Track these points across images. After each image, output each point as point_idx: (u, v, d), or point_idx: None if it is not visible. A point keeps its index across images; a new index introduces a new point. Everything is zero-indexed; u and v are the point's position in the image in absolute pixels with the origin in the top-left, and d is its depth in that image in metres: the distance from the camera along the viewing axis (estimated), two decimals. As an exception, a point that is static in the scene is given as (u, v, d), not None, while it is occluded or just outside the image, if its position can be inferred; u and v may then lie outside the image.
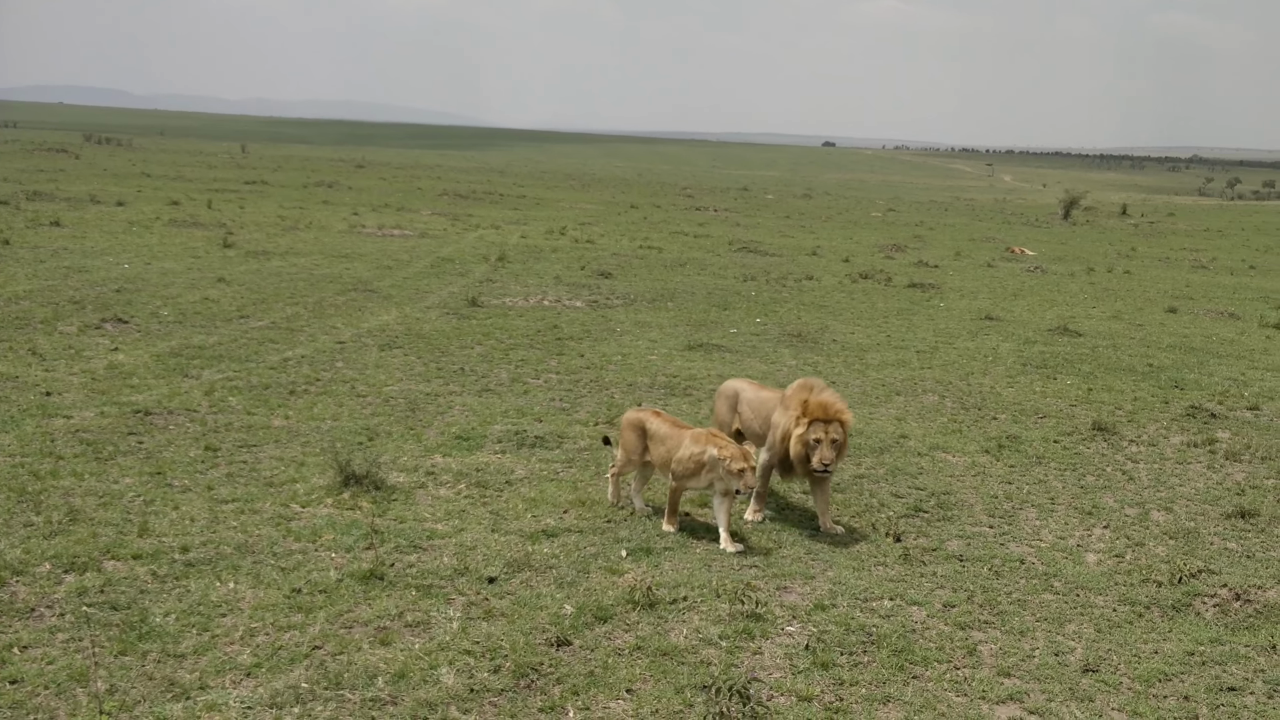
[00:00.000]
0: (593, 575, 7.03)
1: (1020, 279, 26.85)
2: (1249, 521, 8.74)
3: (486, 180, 65.72)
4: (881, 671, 5.92)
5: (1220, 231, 54.75)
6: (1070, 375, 14.44)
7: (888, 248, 33.68)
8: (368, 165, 75.94)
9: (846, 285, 23.22)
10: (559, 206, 45.43)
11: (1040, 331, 18.01)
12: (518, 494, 8.57)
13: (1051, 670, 6.06)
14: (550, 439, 10.07)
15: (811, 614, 6.63)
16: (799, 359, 14.56)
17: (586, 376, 12.83)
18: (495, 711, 5.35)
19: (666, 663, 5.90)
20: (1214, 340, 18.12)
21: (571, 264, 23.86)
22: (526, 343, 14.66)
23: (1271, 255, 40.12)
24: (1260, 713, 5.69)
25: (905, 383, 13.41)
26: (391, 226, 30.39)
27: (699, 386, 12.55)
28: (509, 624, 6.27)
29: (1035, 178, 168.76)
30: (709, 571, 7.20)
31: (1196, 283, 28.20)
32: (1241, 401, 13.17)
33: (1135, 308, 22.18)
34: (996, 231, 46.11)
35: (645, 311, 17.97)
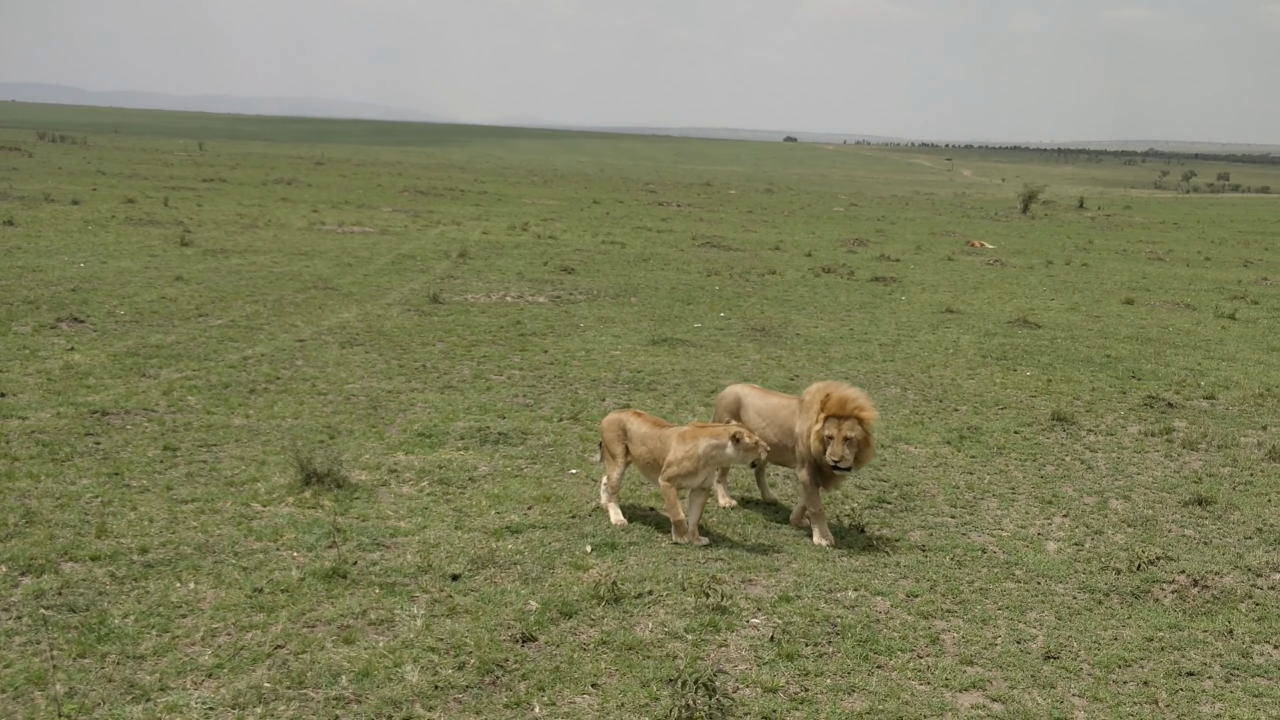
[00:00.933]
0: (558, 571, 7.02)
1: (980, 272, 27.07)
2: (1206, 509, 8.86)
3: (447, 176, 65.42)
4: (846, 661, 5.95)
5: (1176, 224, 55.49)
6: (1030, 367, 14.58)
7: (850, 242, 33.86)
8: (327, 162, 75.40)
9: (809, 279, 23.32)
10: (521, 202, 45.31)
11: (1000, 324, 18.17)
12: (481, 491, 8.53)
13: (1013, 658, 6.11)
14: (514, 435, 10.04)
15: (777, 606, 6.65)
16: (762, 353, 14.61)
17: (550, 372, 12.80)
18: (460, 708, 5.33)
19: (632, 657, 5.90)
20: (1170, 331, 18.36)
21: (534, 260, 23.80)
22: (489, 339, 14.61)
23: (1226, 247, 40.70)
24: (1218, 696, 5.77)
25: (868, 376, 13.48)
26: (352, 223, 30.18)
27: (663, 381, 12.56)
28: (473, 621, 6.24)
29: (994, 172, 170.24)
30: (674, 565, 7.21)
31: (1153, 274, 28.55)
32: (1198, 391, 13.35)
33: (1093, 299, 22.42)
34: (957, 225, 46.48)
35: (609, 307, 17.96)
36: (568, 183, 67.49)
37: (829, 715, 5.38)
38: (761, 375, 13.12)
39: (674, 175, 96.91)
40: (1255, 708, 5.65)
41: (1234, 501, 9.08)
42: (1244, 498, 9.22)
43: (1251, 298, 23.58)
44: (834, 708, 5.45)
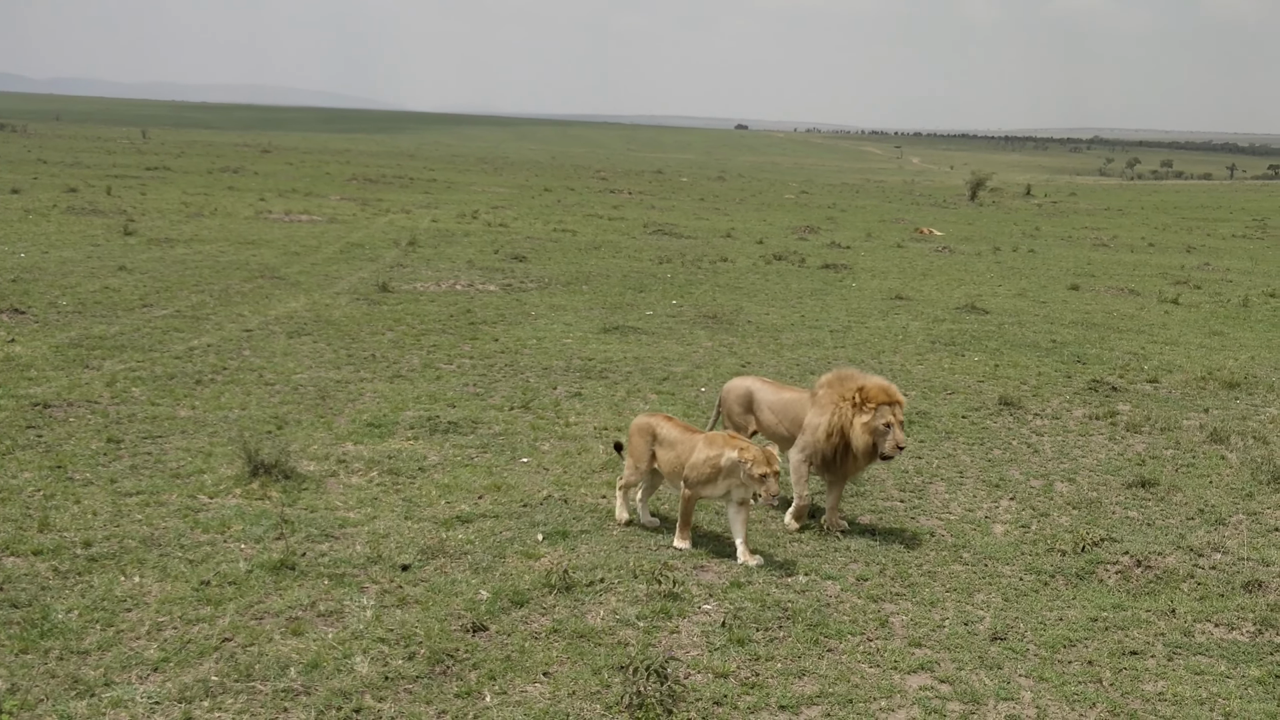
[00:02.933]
0: (508, 560, 6.99)
1: (929, 259, 27.30)
2: (1149, 491, 9.01)
3: (396, 164, 64.86)
4: (797, 646, 5.99)
5: (1121, 210, 56.30)
6: (977, 352, 14.73)
7: (801, 229, 34.00)
8: (274, 150, 74.45)
9: (761, 267, 23.40)
10: (471, 190, 45.03)
11: (948, 310, 18.34)
12: (431, 480, 8.48)
13: (961, 639, 6.18)
14: (464, 424, 9.98)
15: (728, 592, 6.68)
16: (714, 341, 14.64)
17: (501, 361, 12.74)
18: (411, 699, 5.30)
19: (583, 645, 5.89)
20: (1115, 316, 18.63)
21: (484, 248, 23.67)
22: (439, 328, 14.51)
23: (1169, 233, 41.37)
24: (1161, 674, 5.87)
25: (819, 362, 13.55)
26: (299, 212, 29.84)
27: (615, 369, 12.55)
28: (424, 611, 6.20)
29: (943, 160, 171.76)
30: (626, 553, 7.21)
31: (1098, 260, 28.95)
32: (1141, 375, 13.56)
33: (1039, 285, 22.70)
34: (906, 213, 46.83)
35: (560, 295, 17.91)
36: (519, 170, 67.19)
37: (779, 699, 5.41)
38: (713, 363, 13.15)
39: (625, 162, 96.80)
40: (1197, 685, 5.76)
41: (1176, 483, 9.24)
42: (1186, 479, 9.39)
43: (1194, 283, 23.99)
44: (784, 691, 5.48)
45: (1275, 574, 7.16)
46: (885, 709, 5.39)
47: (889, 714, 5.35)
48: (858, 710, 5.35)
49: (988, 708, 5.45)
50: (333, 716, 5.10)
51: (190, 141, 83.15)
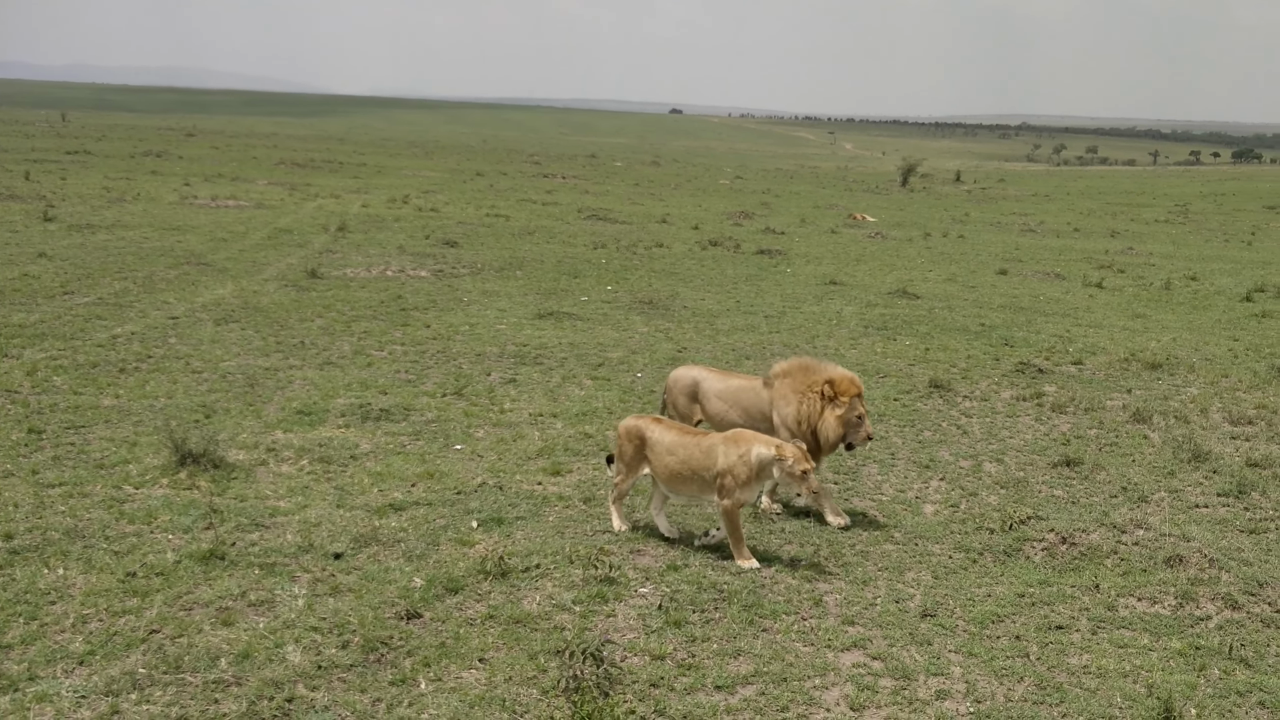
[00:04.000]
0: (443, 547, 6.95)
1: (862, 245, 27.57)
2: (1073, 470, 9.20)
3: (325, 148, 63.93)
4: (732, 626, 6.03)
5: (1047, 196, 57.33)
6: (909, 336, 14.92)
7: (736, 215, 34.14)
8: (199, 134, 73.00)
9: (696, 252, 23.45)
10: (401, 174, 44.53)
11: (881, 295, 18.54)
12: (363, 468, 8.39)
13: (892, 616, 6.27)
14: (396, 411, 9.89)
15: (664, 575, 6.70)
16: (650, 326, 14.65)
17: (433, 347, 12.64)
18: (345, 687, 5.25)
19: (519, 630, 5.88)
20: (1041, 300, 18.97)
21: (415, 233, 23.43)
22: (370, 314, 14.35)
23: (1094, 218, 42.21)
24: (1085, 648, 6.01)
25: (754, 347, 13.63)
26: (226, 197, 29.29)
27: (549, 355, 12.51)
28: (357, 599, 6.15)
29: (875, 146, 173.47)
30: (562, 539, 7.19)
31: (1025, 245, 29.45)
32: (1066, 357, 13.83)
33: (969, 270, 23.04)
34: (839, 199, 47.24)
35: (493, 280, 17.80)
36: (450, 154, 66.59)
37: (715, 679, 5.44)
38: (649, 348, 13.17)
39: (559, 147, 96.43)
40: (1120, 658, 5.90)
41: (1100, 462, 9.44)
42: (1109, 458, 9.60)
43: (1118, 267, 24.50)
44: (720, 672, 5.52)
45: (1195, 549, 7.35)
46: (819, 686, 5.45)
47: (822, 691, 5.41)
48: (792, 688, 5.40)
49: (918, 683, 5.53)
50: (265, 707, 5.04)
51: (112, 125, 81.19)
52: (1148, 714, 5.28)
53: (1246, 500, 8.56)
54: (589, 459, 8.91)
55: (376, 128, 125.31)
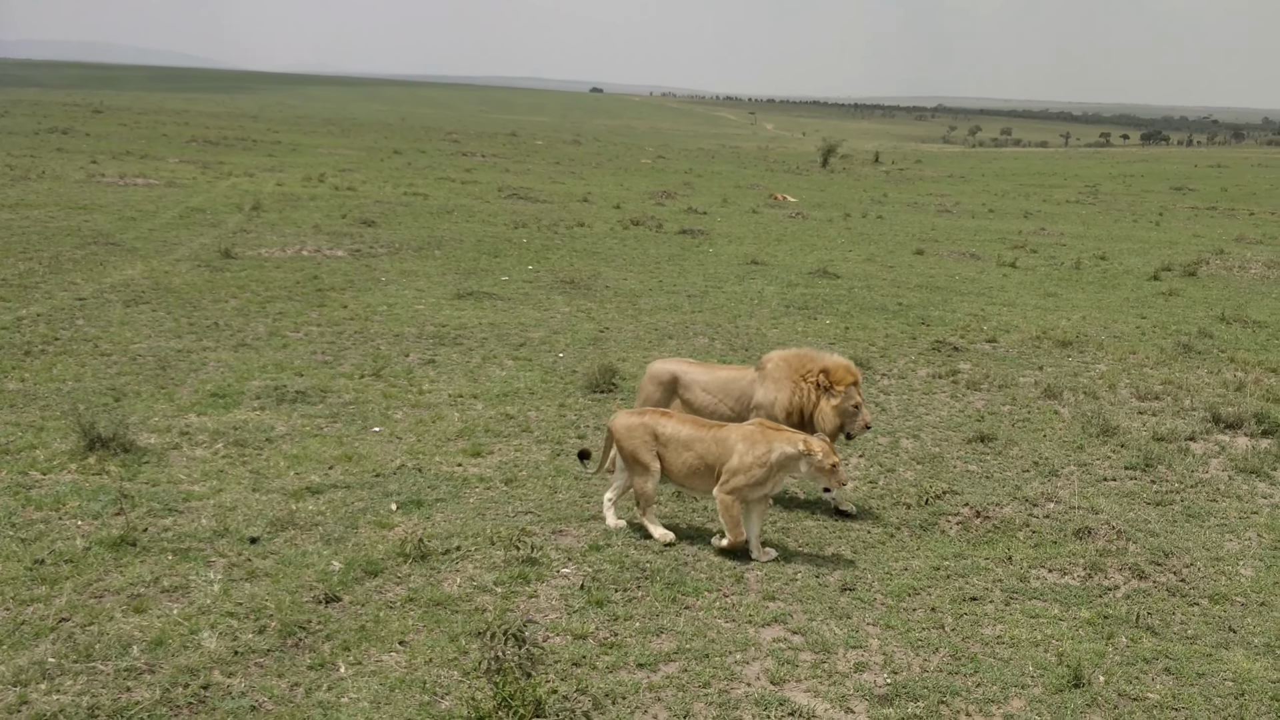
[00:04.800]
0: (361, 530, 6.86)
1: (783, 225, 27.77)
2: (987, 445, 9.38)
3: (238, 125, 62.52)
4: (655, 604, 6.06)
5: (963, 177, 58.29)
6: (829, 315, 15.07)
7: (658, 194, 34.15)
8: (106, 110, 70.91)
9: (618, 232, 23.41)
10: (317, 153, 43.75)
11: (802, 274, 18.69)
12: (279, 451, 8.25)
13: (812, 591, 6.35)
14: (312, 393, 9.73)
15: (587, 555, 6.70)
16: (572, 306, 14.60)
17: (350, 328, 12.45)
18: (262, 672, 5.16)
19: (440, 612, 5.84)
20: (957, 279, 19.29)
21: (332, 212, 23.05)
22: (285, 295, 14.09)
23: (1008, 199, 43.02)
24: (999, 619, 6.15)
25: (677, 326, 13.66)
26: (135, 175, 28.51)
27: (470, 335, 12.40)
28: (274, 584, 6.05)
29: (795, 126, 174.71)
30: (483, 520, 7.15)
31: (941, 226, 29.91)
32: (981, 335, 14.09)
33: (887, 250, 23.34)
34: (761, 179, 47.52)
35: (411, 260, 17.58)
36: (367, 132, 65.58)
37: (637, 657, 5.46)
38: (571, 328, 13.13)
39: (478, 125, 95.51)
40: (1032, 628, 6.04)
41: (1013, 437, 9.65)
42: (1022, 434, 9.81)
43: (1030, 247, 25.00)
44: (642, 649, 5.54)
45: (1104, 521, 7.55)
46: (740, 662, 5.50)
47: (744, 666, 5.46)
48: (713, 664, 5.44)
49: (837, 656, 5.61)
50: (179, 694, 4.93)
51: (14, 100, 78.47)
52: (1058, 682, 5.42)
53: (1153, 473, 8.82)
54: (510, 440, 8.86)
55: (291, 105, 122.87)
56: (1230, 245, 26.70)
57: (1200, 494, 8.41)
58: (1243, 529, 7.72)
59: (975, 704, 5.23)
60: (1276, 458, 9.27)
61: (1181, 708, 5.29)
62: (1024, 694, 5.34)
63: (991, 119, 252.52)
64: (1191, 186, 53.00)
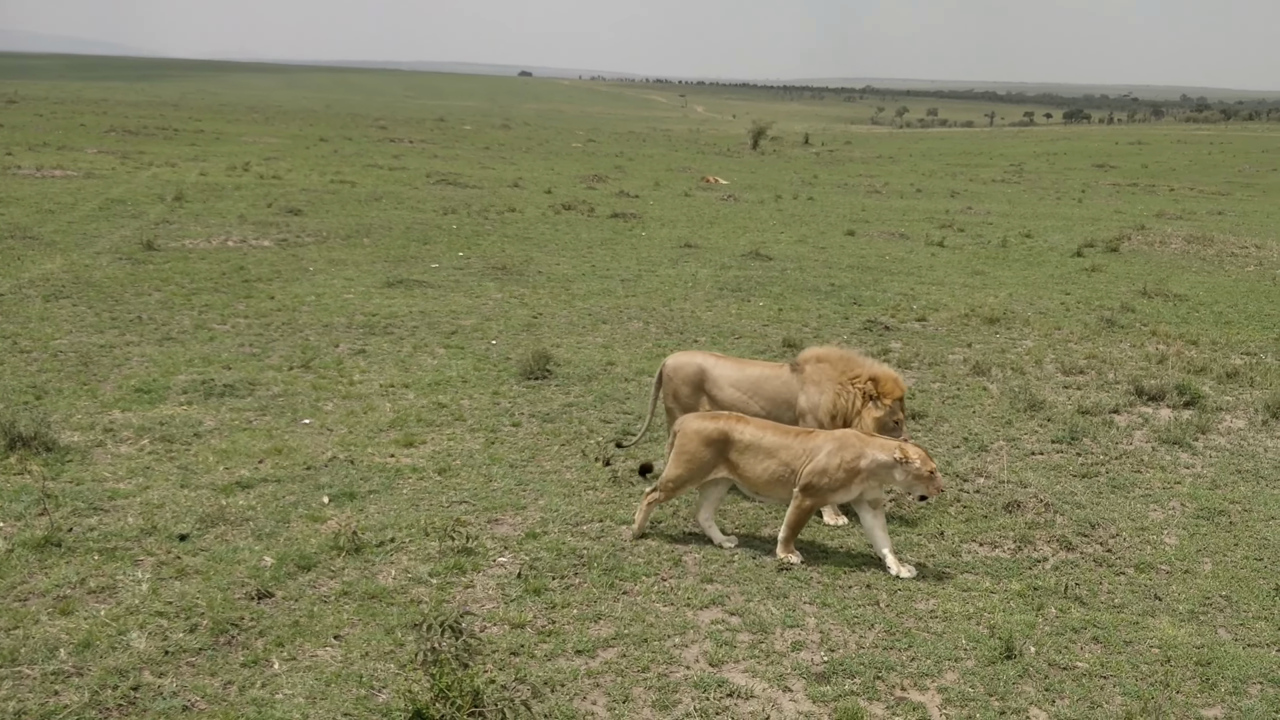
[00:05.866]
0: (293, 524, 6.77)
1: (715, 207, 27.83)
2: (918, 422, 9.50)
3: (159, 115, 61.13)
4: (593, 591, 6.05)
5: (891, 158, 58.87)
6: (762, 297, 15.15)
7: (589, 178, 34.04)
8: (20, 100, 68.85)
9: (550, 216, 23.30)
10: (241, 141, 42.92)
11: (735, 257, 18.75)
12: (208, 446, 8.11)
13: (750, 573, 6.39)
14: (241, 386, 9.57)
15: (523, 543, 6.67)
16: (504, 292, 14.51)
17: (278, 319, 12.25)
18: (194, 671, 5.08)
19: (375, 605, 5.78)
20: (887, 259, 19.49)
21: (257, 201, 22.64)
22: (210, 286, 13.82)
23: (935, 179, 43.55)
24: (932, 593, 6.24)
25: (611, 311, 13.64)
26: (52, 167, 27.74)
27: (400, 324, 12.27)
28: (205, 581, 5.95)
29: (725, 109, 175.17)
30: (417, 511, 7.09)
31: (871, 207, 30.21)
32: (911, 314, 14.27)
33: (818, 232, 23.50)
34: (692, 162, 47.56)
35: (340, 249, 17.34)
36: (292, 119, 64.48)
37: (576, 644, 5.45)
38: (504, 315, 13.05)
39: (405, 110, 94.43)
40: (964, 601, 6.14)
41: (943, 414, 9.79)
42: (952, 410, 9.96)
43: (958, 226, 25.33)
44: (581, 636, 5.54)
45: (1032, 495, 7.70)
46: (679, 645, 5.52)
47: (682, 649, 5.48)
48: (652, 649, 5.46)
49: (775, 635, 5.65)
50: (109, 696, 4.84)
51: (-78, 90, 76.05)
52: (990, 654, 5.52)
53: (1079, 446, 9.01)
54: (443, 429, 8.79)
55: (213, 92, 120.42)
56: (1151, 221, 27.30)
57: (1125, 465, 8.61)
58: (1166, 499, 7.91)
59: (910, 678, 5.30)
60: (1198, 428, 9.50)
61: (1110, 675, 5.42)
62: (957, 667, 5.43)
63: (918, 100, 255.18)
64: (1113, 164, 54.08)
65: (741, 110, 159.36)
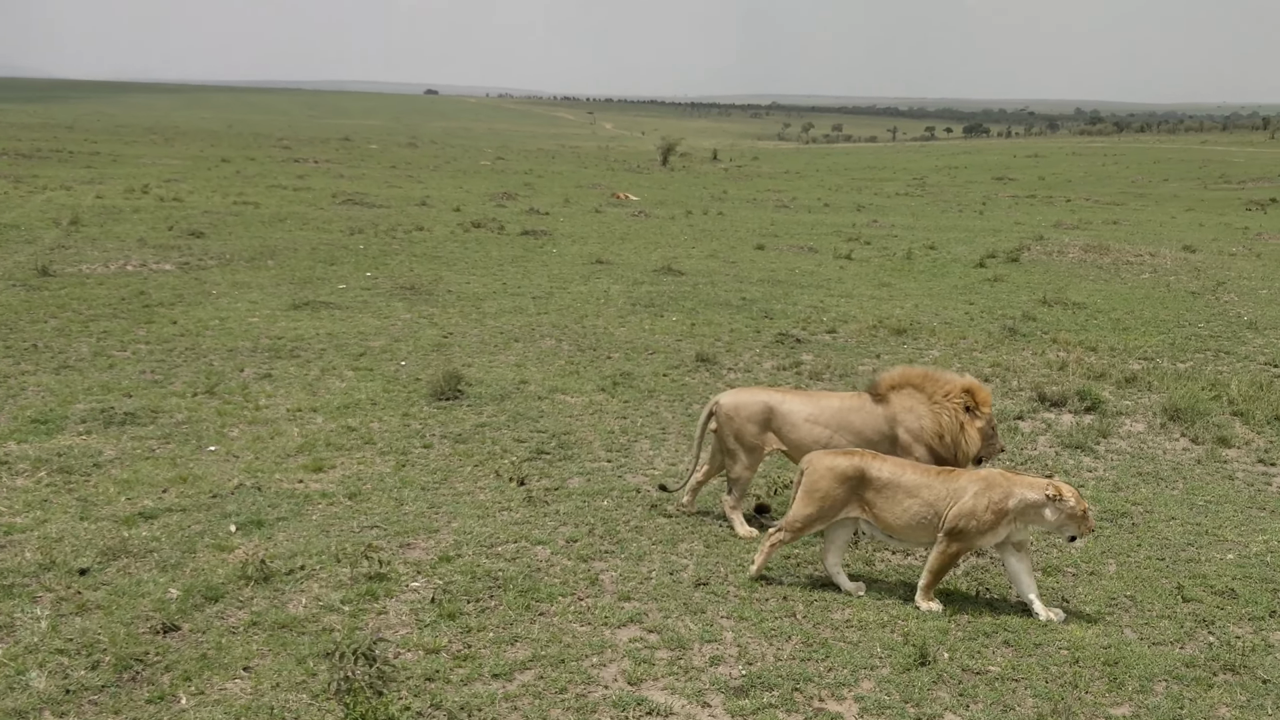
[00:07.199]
0: (200, 554, 6.59)
1: (626, 223, 27.90)
2: (831, 433, 9.60)
3: (52, 136, 59.41)
4: (508, 613, 5.99)
5: (798, 173, 59.71)
6: (675, 312, 15.21)
7: (499, 196, 33.90)
8: (-94, 121, 66.44)
9: (459, 235, 23.13)
10: (140, 163, 41.88)
11: (647, 272, 18.81)
12: (109, 476, 7.86)
13: (667, 589, 6.39)
14: (142, 414, 9.30)
15: (437, 567, 6.58)
16: (413, 312, 14.35)
17: (181, 344, 11.95)
18: (97, 710, 4.91)
19: (286, 635, 5.65)
20: (796, 273, 19.73)
21: (158, 224, 22.09)
22: (110, 312, 13.43)
23: (842, 193, 44.26)
24: (847, 603, 6.30)
25: (523, 329, 13.57)
26: (-60, 190, 26.77)
27: (307, 347, 12.05)
28: (107, 616, 5.76)
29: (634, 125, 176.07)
30: (327, 537, 6.95)
31: (780, 221, 30.56)
32: (821, 326, 14.45)
33: (729, 246, 23.69)
34: (602, 178, 47.67)
35: (244, 271, 17.00)
36: (192, 140, 63.15)
37: (492, 668, 5.39)
38: (413, 335, 12.90)
39: (309, 130, 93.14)
40: (879, 610, 6.22)
41: (855, 425, 9.90)
42: (863, 421, 10.07)
43: (864, 239, 25.75)
44: (497, 660, 5.47)
45: (942, 501, 7.82)
46: (597, 665, 5.48)
47: (600, 669, 5.45)
48: (570, 669, 5.42)
49: (693, 651, 5.66)
50: (4, 742, 4.65)
51: None
52: (905, 661, 5.59)
53: (985, 453, 9.18)
54: (353, 453, 8.64)
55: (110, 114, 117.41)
56: (1049, 231, 28.08)
57: (1030, 470, 8.80)
58: (1070, 502, 8.09)
59: (827, 688, 5.34)
60: (1100, 433, 9.76)
61: (1021, 678, 5.52)
62: (873, 675, 5.48)
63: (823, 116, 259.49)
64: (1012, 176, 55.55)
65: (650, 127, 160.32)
